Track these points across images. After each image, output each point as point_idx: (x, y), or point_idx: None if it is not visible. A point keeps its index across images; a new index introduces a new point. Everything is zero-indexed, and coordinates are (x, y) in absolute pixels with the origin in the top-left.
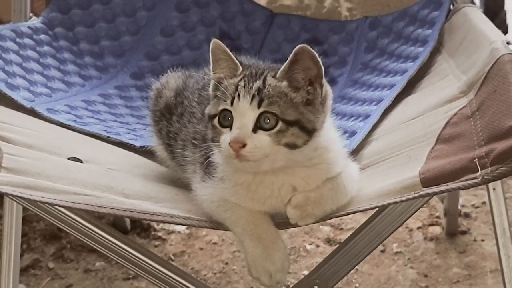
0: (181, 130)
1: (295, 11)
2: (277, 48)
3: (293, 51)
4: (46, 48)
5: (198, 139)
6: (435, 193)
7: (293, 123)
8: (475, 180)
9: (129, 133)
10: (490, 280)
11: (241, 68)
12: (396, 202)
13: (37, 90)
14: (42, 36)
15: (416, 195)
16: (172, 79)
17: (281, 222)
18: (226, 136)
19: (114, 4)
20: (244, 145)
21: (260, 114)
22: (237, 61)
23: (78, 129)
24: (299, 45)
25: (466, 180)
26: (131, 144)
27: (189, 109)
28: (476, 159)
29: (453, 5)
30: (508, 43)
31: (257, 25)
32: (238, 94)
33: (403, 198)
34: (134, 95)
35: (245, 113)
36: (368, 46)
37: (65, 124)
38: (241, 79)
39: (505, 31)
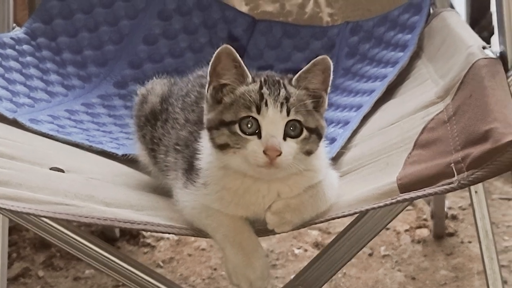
0: (164, 136)
1: (276, 18)
2: (259, 55)
3: (313, 61)
4: (29, 58)
5: (180, 144)
6: (412, 199)
7: (313, 130)
8: (451, 185)
9: (111, 142)
10: (477, 282)
11: (250, 76)
12: (374, 208)
13: (20, 101)
14: (25, 47)
15: (393, 201)
16: (158, 85)
17: (261, 229)
18: (256, 144)
19: (96, 13)
20: (280, 153)
21: (287, 122)
22: (246, 69)
23: (60, 139)
24: (321, 56)
25: (443, 185)
26: (114, 153)
27: (173, 115)
28: (453, 164)
29: (433, 10)
30: (484, 47)
31: (239, 32)
32: (266, 102)
33: (381, 204)
34: (117, 104)
35: (276, 121)
36: (350, 52)
37: (48, 134)
38: (261, 87)
39: (491, 33)
